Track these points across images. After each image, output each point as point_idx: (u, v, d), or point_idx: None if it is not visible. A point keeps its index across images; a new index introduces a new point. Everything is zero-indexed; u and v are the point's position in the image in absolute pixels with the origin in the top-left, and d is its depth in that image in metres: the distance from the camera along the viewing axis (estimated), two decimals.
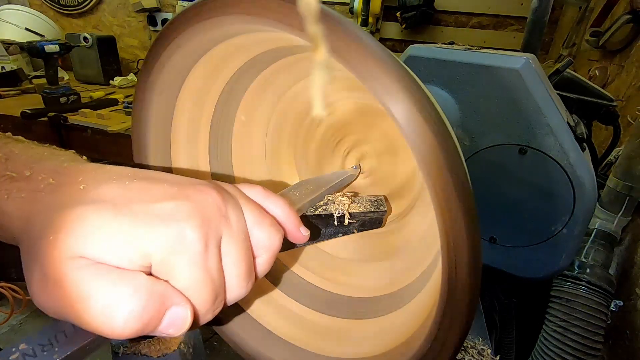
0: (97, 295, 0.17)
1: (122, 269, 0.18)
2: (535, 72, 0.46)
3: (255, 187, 0.27)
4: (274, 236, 0.25)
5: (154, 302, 0.18)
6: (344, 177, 0.42)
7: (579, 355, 0.62)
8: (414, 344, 0.28)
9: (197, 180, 0.23)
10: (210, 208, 0.21)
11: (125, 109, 1.41)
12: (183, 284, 0.20)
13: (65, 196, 0.19)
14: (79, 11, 2.11)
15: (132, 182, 0.20)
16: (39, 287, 0.18)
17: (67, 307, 0.17)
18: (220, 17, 0.26)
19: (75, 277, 0.17)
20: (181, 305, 0.19)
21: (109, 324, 0.17)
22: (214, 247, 0.21)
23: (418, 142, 0.20)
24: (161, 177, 0.22)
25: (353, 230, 0.37)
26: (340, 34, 0.21)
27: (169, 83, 0.33)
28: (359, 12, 1.53)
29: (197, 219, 0.20)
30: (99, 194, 0.19)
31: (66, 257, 0.17)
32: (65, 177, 0.20)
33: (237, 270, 0.22)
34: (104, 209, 0.18)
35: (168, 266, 0.19)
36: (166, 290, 0.19)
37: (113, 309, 0.17)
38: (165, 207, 0.20)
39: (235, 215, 0.22)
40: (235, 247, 0.22)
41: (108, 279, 0.17)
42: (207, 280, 0.20)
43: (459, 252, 0.21)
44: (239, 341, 0.38)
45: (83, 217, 0.18)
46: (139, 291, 0.17)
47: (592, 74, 1.08)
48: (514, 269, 0.56)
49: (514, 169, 0.51)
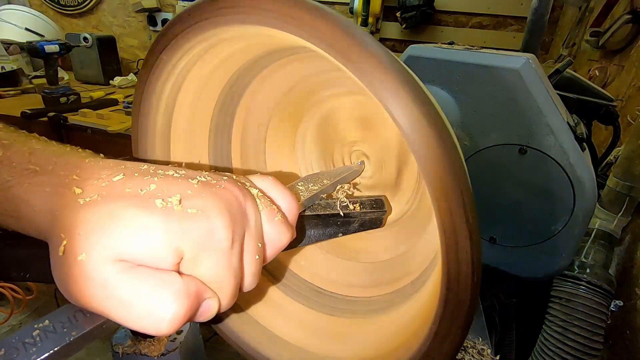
0: (141, 301, 0.18)
1: (159, 270, 0.19)
2: (535, 72, 0.46)
3: (266, 179, 0.27)
4: (284, 234, 0.25)
5: (191, 303, 0.19)
6: (348, 172, 0.42)
7: (579, 355, 0.62)
8: (414, 344, 0.28)
9: (216, 176, 0.23)
10: (234, 205, 0.22)
11: (125, 109, 1.41)
12: (209, 278, 0.20)
13: (92, 192, 0.19)
14: (79, 11, 2.11)
15: (157, 177, 0.20)
16: (74, 285, 0.18)
17: (109, 309, 0.18)
18: (219, 17, 0.26)
19: (117, 282, 0.17)
20: (211, 298, 0.21)
21: (154, 326, 0.18)
22: (238, 244, 0.22)
23: (418, 143, 0.20)
24: (182, 171, 0.22)
25: (353, 230, 0.37)
26: (341, 36, 0.21)
27: (169, 83, 0.33)
28: (359, 12, 1.53)
29: (225, 216, 0.20)
30: (127, 190, 0.19)
31: (107, 259, 0.17)
32: (88, 172, 0.20)
33: (253, 265, 0.23)
34: (136, 205, 0.18)
35: (196, 261, 0.20)
36: (199, 287, 0.20)
37: (158, 314, 0.18)
38: (194, 203, 0.20)
39: (253, 212, 0.23)
40: (253, 244, 0.23)
41: (149, 284, 0.18)
42: (231, 275, 0.21)
43: (459, 252, 0.21)
44: (240, 342, 0.38)
45: (117, 215, 0.18)
46: (180, 296, 0.18)
47: (592, 74, 1.08)
48: (514, 269, 0.56)
49: (514, 169, 0.51)
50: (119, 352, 0.43)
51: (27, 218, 0.20)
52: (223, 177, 0.23)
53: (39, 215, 0.20)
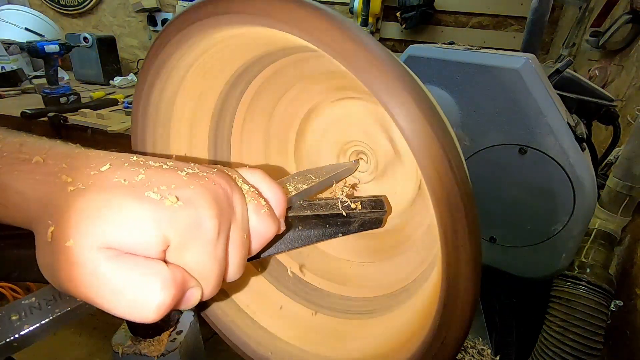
0: (128, 289, 0.18)
1: (146, 258, 0.19)
2: (535, 72, 0.46)
3: (255, 172, 0.27)
4: (270, 226, 0.25)
5: (177, 292, 0.19)
6: (341, 169, 0.41)
7: (579, 355, 0.62)
8: (414, 343, 0.28)
9: (205, 168, 0.24)
10: (222, 197, 0.22)
11: (125, 109, 1.41)
12: (193, 267, 0.21)
13: (81, 180, 0.19)
14: (79, 11, 2.11)
15: (145, 168, 0.21)
16: (61, 271, 0.18)
17: (96, 295, 0.18)
18: (219, 16, 0.26)
19: (105, 269, 0.18)
20: (195, 287, 0.21)
21: (141, 314, 0.18)
22: (224, 235, 0.22)
23: (418, 143, 0.20)
24: (170, 162, 0.23)
25: (353, 230, 0.36)
26: (342, 36, 0.21)
27: (169, 83, 0.33)
28: (359, 12, 1.54)
29: (213, 207, 0.21)
30: (116, 179, 0.19)
31: (95, 246, 0.18)
32: (77, 161, 0.21)
33: (237, 257, 0.23)
34: (125, 194, 0.19)
35: (182, 250, 0.20)
36: (184, 276, 0.20)
37: (145, 302, 0.18)
38: (183, 193, 0.20)
39: (240, 204, 0.23)
40: (239, 235, 0.23)
41: (137, 273, 0.18)
42: (216, 266, 0.22)
43: (459, 252, 0.21)
44: (239, 342, 0.38)
45: (106, 203, 0.18)
46: (167, 284, 0.19)
47: (592, 74, 1.08)
48: (514, 269, 0.56)
49: (514, 169, 0.51)
50: (119, 352, 0.43)
51: (16, 205, 0.20)
52: (212, 169, 0.24)
53: (28, 203, 0.20)
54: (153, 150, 0.36)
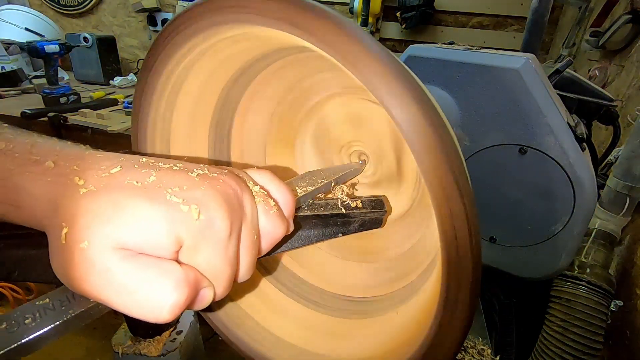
0: (142, 289, 0.18)
1: (160, 258, 0.19)
2: (535, 72, 0.46)
3: (264, 173, 0.27)
4: (279, 227, 0.25)
5: (190, 292, 0.20)
6: (348, 170, 0.42)
7: (579, 355, 0.62)
8: (414, 343, 0.28)
9: (215, 169, 0.24)
10: (232, 198, 0.22)
11: (125, 109, 1.41)
12: (206, 267, 0.21)
13: (92, 182, 0.19)
14: (79, 11, 2.11)
15: (156, 170, 0.21)
16: (76, 273, 0.18)
17: (110, 296, 0.18)
18: (219, 17, 0.26)
19: (119, 270, 0.18)
20: (208, 287, 0.21)
21: (155, 314, 0.19)
22: (235, 236, 0.22)
23: (418, 143, 0.20)
24: (180, 164, 0.23)
25: (353, 230, 0.36)
26: (342, 36, 0.21)
27: (169, 83, 0.33)
28: (359, 12, 1.53)
29: (224, 208, 0.21)
30: (127, 181, 0.20)
31: (109, 247, 0.18)
32: (88, 163, 0.21)
33: (248, 257, 0.24)
34: (138, 195, 0.19)
35: (195, 251, 0.20)
36: (197, 276, 0.20)
37: (159, 301, 0.18)
38: (195, 194, 0.20)
39: (250, 205, 0.24)
40: (249, 236, 0.23)
41: (151, 273, 0.18)
42: (227, 266, 0.22)
43: (459, 251, 0.21)
44: (240, 342, 0.38)
45: (119, 204, 0.18)
46: (180, 284, 0.19)
47: (592, 74, 1.08)
48: (514, 269, 0.56)
49: (514, 169, 0.51)
50: (119, 352, 0.43)
51: (28, 207, 0.20)
52: (222, 170, 0.24)
53: (40, 204, 0.20)
54: (153, 151, 0.36)
